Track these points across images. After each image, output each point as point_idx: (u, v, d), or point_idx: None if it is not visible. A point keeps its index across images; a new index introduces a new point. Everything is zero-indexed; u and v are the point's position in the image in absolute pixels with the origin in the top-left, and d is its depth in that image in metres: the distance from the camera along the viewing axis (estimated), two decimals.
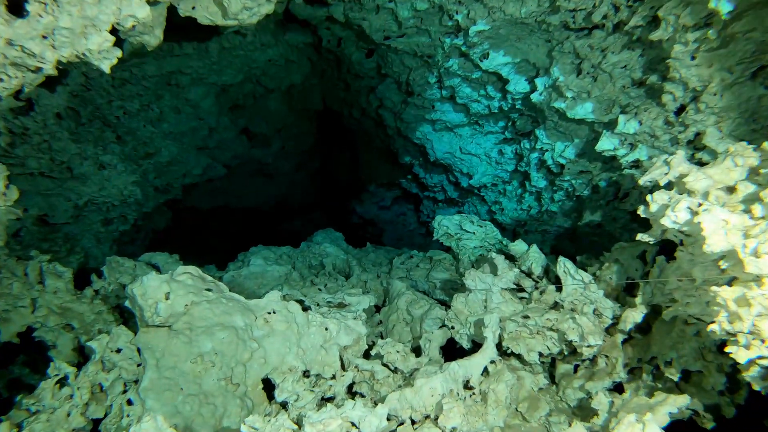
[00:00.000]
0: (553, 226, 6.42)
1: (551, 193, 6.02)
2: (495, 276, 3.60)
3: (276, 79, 7.54)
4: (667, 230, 2.44)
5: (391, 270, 5.47)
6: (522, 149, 6.04)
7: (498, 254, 3.75)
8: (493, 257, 3.73)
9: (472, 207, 8.21)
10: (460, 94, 5.98)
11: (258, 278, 4.89)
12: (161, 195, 7.42)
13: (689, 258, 2.34)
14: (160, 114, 6.36)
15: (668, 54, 3.13)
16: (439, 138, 7.09)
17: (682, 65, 3.03)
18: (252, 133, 9.04)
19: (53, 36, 2.07)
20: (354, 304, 3.98)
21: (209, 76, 6.36)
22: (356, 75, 7.65)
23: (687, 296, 2.40)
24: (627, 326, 2.89)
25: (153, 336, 3.21)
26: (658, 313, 2.94)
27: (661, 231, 2.49)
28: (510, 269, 3.63)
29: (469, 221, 5.03)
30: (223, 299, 3.35)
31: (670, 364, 2.78)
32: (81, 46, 2.22)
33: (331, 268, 5.49)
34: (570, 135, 5.01)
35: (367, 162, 10.92)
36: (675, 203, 2.09)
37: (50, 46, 2.09)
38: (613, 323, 3.17)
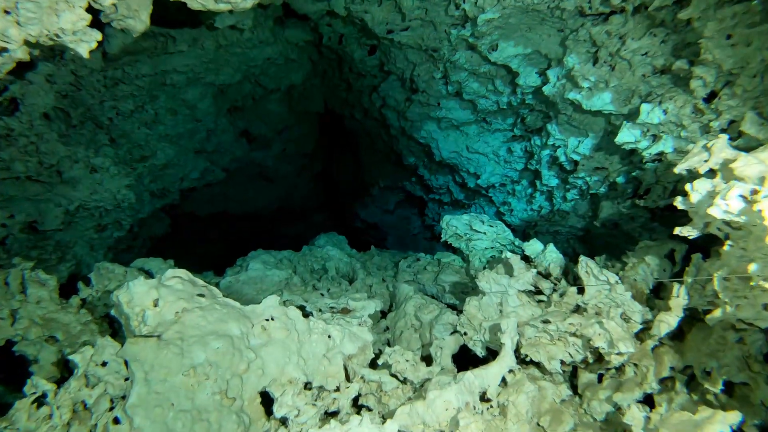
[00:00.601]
0: (566, 226, 6.15)
1: (564, 191, 5.76)
2: (511, 277, 3.34)
3: (275, 79, 7.31)
4: (711, 223, 2.18)
5: (397, 273, 5.21)
6: (532, 146, 5.78)
7: (513, 254, 3.49)
8: (508, 257, 3.47)
9: (479, 209, 7.95)
10: (467, 89, 5.73)
11: (257, 283, 4.64)
12: (158, 200, 7.18)
13: (740, 254, 2.07)
14: (156, 115, 6.13)
15: (700, 34, 2.88)
16: (445, 137, 6.84)
17: (716, 45, 2.77)
18: (252, 136, 8.81)
19: (17, 10, 1.83)
20: (359, 310, 3.72)
21: (206, 76, 6.13)
22: (358, 73, 7.41)
23: (737, 298, 2.14)
24: (661, 332, 2.62)
25: (141, 347, 2.95)
26: (694, 317, 2.67)
27: (704, 224, 2.23)
28: (527, 270, 3.37)
29: (479, 221, 4.77)
30: (217, 305, 3.09)
31: (709, 374, 2.50)
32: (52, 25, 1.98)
33: (334, 272, 5.24)
34: (584, 129, 4.75)
35: (369, 164, 10.68)
36: (725, 191, 1.83)
37: (14, 22, 1.85)
38: (643, 328, 2.90)
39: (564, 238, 6.66)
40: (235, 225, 13.02)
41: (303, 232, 14.39)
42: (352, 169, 12.26)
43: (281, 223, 13.71)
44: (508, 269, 3.57)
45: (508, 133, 6.28)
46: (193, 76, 5.98)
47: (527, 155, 6.20)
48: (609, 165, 4.76)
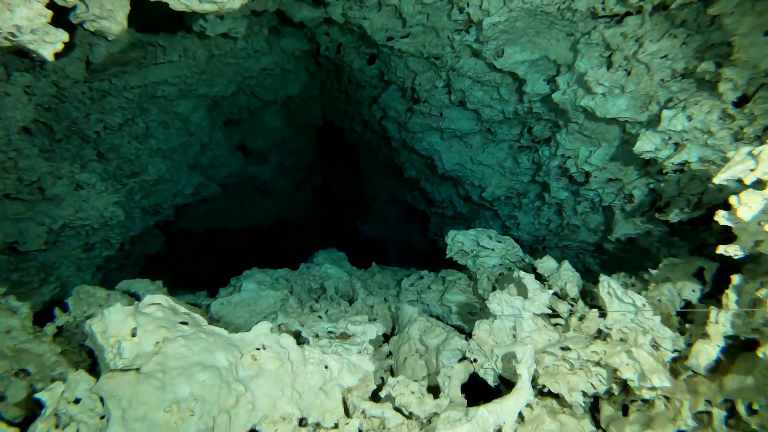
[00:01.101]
0: (576, 241, 5.87)
1: (574, 204, 5.48)
2: (525, 299, 3.04)
3: (272, 91, 7.09)
4: (764, 241, 1.90)
5: (399, 293, 4.92)
6: (540, 157, 5.51)
7: (526, 273, 3.20)
8: (521, 277, 3.18)
9: (484, 223, 7.67)
10: (470, 98, 5.48)
11: (250, 305, 4.35)
12: (150, 217, 6.91)
13: None
14: (146, 129, 5.88)
15: (731, 32, 2.62)
16: (448, 148, 6.58)
17: (752, 43, 2.52)
18: (248, 149, 8.57)
19: None
20: (359, 335, 3.42)
21: (198, 87, 5.89)
22: (357, 84, 7.18)
23: None
24: (700, 363, 2.33)
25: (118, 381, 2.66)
26: (736, 345, 2.38)
27: (755, 242, 1.95)
28: (542, 291, 3.08)
29: (487, 236, 4.49)
30: (202, 334, 2.80)
31: (756, 412, 2.20)
32: (5, 21, 1.73)
33: (333, 292, 4.95)
34: (597, 138, 4.49)
35: (370, 178, 10.43)
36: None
37: None
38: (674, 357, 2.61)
39: (573, 253, 6.37)
40: (232, 241, 12.75)
41: (302, 247, 14.09)
42: (352, 182, 12.01)
43: (280, 239, 13.43)
44: (521, 290, 3.28)
45: (514, 143, 6.02)
46: (185, 88, 5.74)
47: (535, 167, 5.93)
48: (623, 176, 4.49)
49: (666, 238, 4.39)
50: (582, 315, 3.12)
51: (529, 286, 3.11)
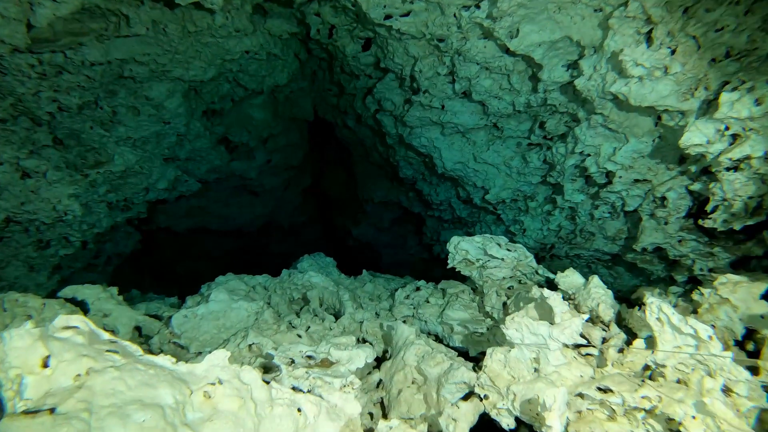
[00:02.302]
0: (590, 250, 5.27)
1: (591, 209, 4.88)
2: (552, 325, 2.43)
3: (256, 78, 6.45)
4: None
5: (393, 306, 4.29)
6: (553, 156, 4.91)
7: (552, 292, 2.58)
8: (546, 297, 2.56)
9: (486, 227, 7.07)
10: (477, 88, 4.87)
11: (219, 319, 3.71)
12: (119, 212, 6.25)
13: None
14: (113, 114, 5.23)
15: None
16: (449, 145, 5.97)
17: None
18: (232, 144, 7.92)
19: None
20: (343, 362, 2.79)
21: (173, 69, 5.25)
22: (351, 74, 6.57)
23: None
24: None
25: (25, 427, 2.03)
26: None
27: None
28: (573, 315, 2.47)
29: (496, 244, 3.88)
30: (140, 365, 2.16)
31: None
32: None
33: (317, 304, 4.31)
34: (623, 133, 3.90)
35: (363, 178, 9.81)
36: None
37: None
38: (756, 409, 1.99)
39: (584, 262, 5.78)
40: (218, 242, 12.08)
41: (292, 249, 13.44)
42: (344, 183, 11.39)
43: (268, 241, 12.77)
44: (544, 312, 2.67)
45: (523, 140, 5.42)
46: (156, 69, 5.10)
47: (546, 167, 5.33)
48: (654, 176, 3.89)
49: (701, 248, 3.80)
50: (621, 345, 2.51)
51: (556, 308, 2.49)
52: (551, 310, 2.58)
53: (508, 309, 3.35)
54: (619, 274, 5.52)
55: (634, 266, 5.14)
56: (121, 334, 3.59)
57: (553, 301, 2.51)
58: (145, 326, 3.74)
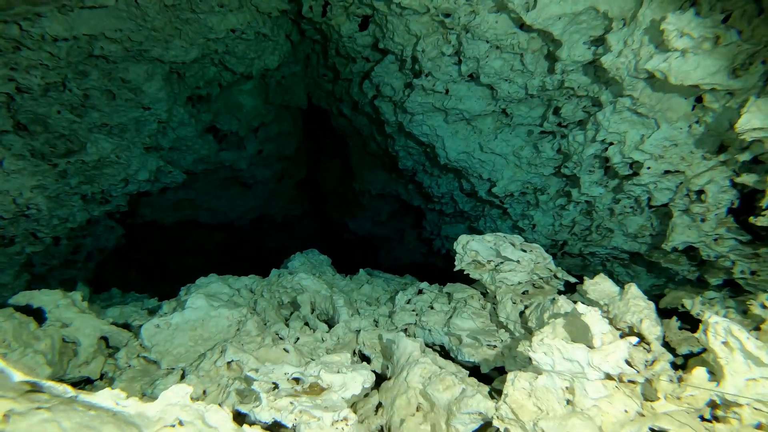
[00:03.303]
0: (606, 247, 4.83)
1: (611, 203, 4.44)
2: (591, 349, 1.98)
3: (245, 61, 5.96)
4: None
5: (393, 312, 3.85)
6: (569, 145, 4.46)
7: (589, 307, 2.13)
8: (581, 313, 2.11)
9: (490, 222, 6.62)
10: (486, 69, 4.41)
11: (196, 329, 3.25)
12: (96, 206, 5.77)
13: None
14: (85, 98, 4.75)
15: None
16: (453, 134, 5.51)
17: None
18: (220, 133, 7.44)
19: None
20: (336, 388, 2.34)
21: (150, 48, 4.76)
22: (347, 56, 6.08)
23: None
24: None
25: None
26: None
27: None
28: (614, 335, 2.02)
29: (509, 243, 3.43)
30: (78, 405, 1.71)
31: None
32: None
33: (309, 310, 3.87)
34: (655, 117, 3.44)
35: (360, 169, 9.33)
36: None
37: None
38: None
39: (599, 261, 5.34)
40: (208, 236, 11.63)
41: (286, 243, 12.98)
42: (339, 174, 10.92)
43: (261, 234, 12.30)
44: (576, 329, 2.22)
45: (534, 128, 4.96)
46: (132, 48, 4.61)
47: (560, 157, 4.88)
48: (687, 167, 3.44)
49: (743, 248, 3.36)
50: (672, 375, 2.06)
51: (594, 328, 2.04)
52: (586, 329, 2.13)
53: (527, 321, 2.90)
54: (636, 273, 5.09)
55: (655, 265, 4.71)
56: (84, 346, 3.14)
57: (590, 318, 2.06)
58: (112, 337, 3.28)
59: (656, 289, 5.04)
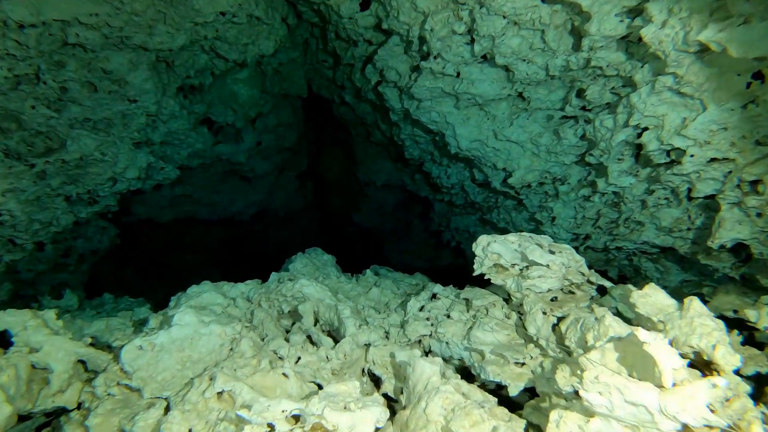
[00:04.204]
0: (636, 242, 4.42)
1: (643, 194, 4.02)
2: (663, 390, 1.58)
3: (238, 47, 5.53)
4: None
5: (405, 322, 3.45)
6: (595, 130, 4.03)
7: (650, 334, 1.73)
8: (643, 341, 1.70)
9: (504, 213, 6.21)
10: (502, 48, 3.97)
11: (183, 350, 2.87)
12: (83, 207, 5.39)
13: None
14: (62, 91, 4.35)
15: None
16: (464, 120, 5.08)
17: None
18: (215, 125, 7.02)
19: None
20: (343, 430, 1.96)
21: (132, 35, 4.35)
22: (348, 39, 5.64)
23: None
24: None
25: None
26: None
27: None
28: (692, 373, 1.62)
29: (536, 245, 3.02)
30: None
31: None
32: None
33: (311, 322, 3.48)
34: (702, 98, 3.01)
35: (364, 159, 8.91)
36: None
37: None
38: None
39: (625, 255, 4.94)
40: (208, 232, 11.25)
41: (289, 237, 12.60)
42: (343, 165, 10.50)
43: (263, 229, 11.91)
44: (632, 357, 1.82)
45: (555, 112, 4.53)
46: (111, 34, 4.19)
47: (584, 144, 4.45)
48: (739, 154, 3.02)
49: None
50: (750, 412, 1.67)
51: (663, 361, 1.64)
52: (647, 359, 1.73)
53: (563, 338, 2.50)
54: (666, 269, 4.68)
55: (687, 260, 4.31)
56: (57, 372, 2.76)
57: (657, 349, 1.66)
58: (90, 360, 2.91)
59: (687, 286, 4.64)
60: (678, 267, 4.59)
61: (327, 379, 2.77)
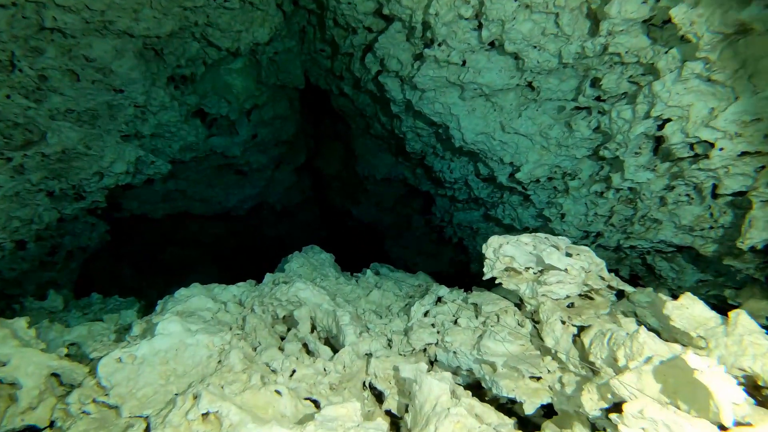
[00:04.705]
0: (651, 240, 4.17)
1: (662, 190, 3.76)
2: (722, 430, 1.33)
3: (230, 34, 5.24)
4: None
5: (409, 330, 3.20)
6: (612, 122, 3.76)
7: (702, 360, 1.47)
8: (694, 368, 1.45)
9: (509, 209, 5.95)
10: (512, 34, 3.70)
11: (167, 362, 2.61)
12: (68, 203, 5.13)
13: None
14: (41, 79, 4.07)
15: None
16: (470, 112, 4.81)
17: None
18: (209, 116, 6.74)
19: None
20: None
21: (116, 19, 4.07)
22: (346, 27, 5.36)
23: None
24: None
25: None
26: None
27: None
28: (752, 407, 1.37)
29: (552, 247, 2.76)
30: None
31: None
32: None
33: (308, 329, 3.22)
34: (734, 85, 2.74)
35: (363, 153, 8.63)
36: None
37: None
38: None
39: (637, 254, 4.68)
40: (204, 227, 10.99)
41: (287, 231, 12.34)
42: (342, 159, 10.22)
43: (260, 224, 11.65)
44: (677, 382, 1.57)
45: (567, 103, 4.26)
46: (92, 19, 3.91)
47: (598, 136, 4.19)
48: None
49: None
50: None
51: (720, 393, 1.38)
52: (696, 387, 1.47)
53: (587, 352, 2.25)
54: (681, 268, 4.43)
55: (704, 259, 4.06)
56: (27, 388, 2.51)
57: (712, 379, 1.40)
58: (64, 374, 2.65)
59: (704, 286, 4.40)
60: (694, 266, 4.34)
61: (325, 394, 2.51)
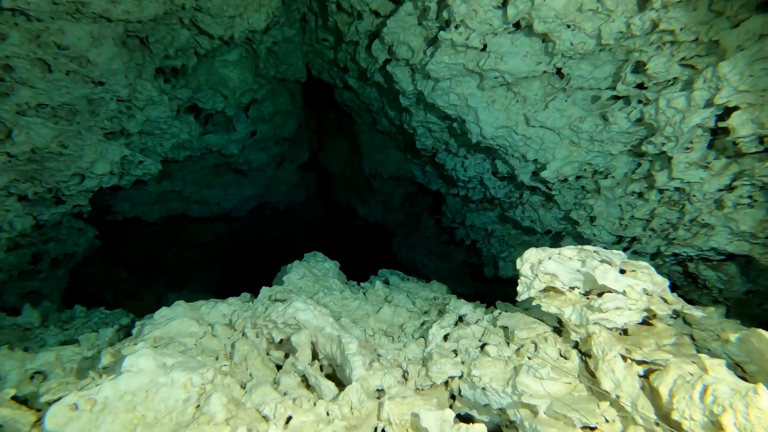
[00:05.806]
0: (700, 248, 3.65)
1: (721, 191, 3.24)
2: None
3: (223, 20, 4.75)
4: None
5: (427, 359, 2.71)
6: (659, 112, 3.24)
7: None
8: None
9: (530, 211, 5.44)
10: (542, 11, 3.19)
11: (134, 408, 2.13)
12: (46, 208, 4.66)
13: None
14: (6, 69, 3.60)
15: None
16: (489, 103, 4.30)
17: None
18: (203, 112, 6.26)
19: None
20: None
21: (89, 2, 3.58)
22: (350, 12, 4.86)
23: None
24: None
25: None
26: None
27: None
28: None
29: (603, 262, 2.26)
30: None
31: None
32: None
33: (308, 359, 2.73)
34: None
35: (370, 149, 8.13)
36: None
37: None
38: None
39: (675, 261, 4.17)
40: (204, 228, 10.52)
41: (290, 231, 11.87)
42: (347, 155, 9.72)
43: (262, 223, 11.17)
44: None
45: (602, 92, 3.74)
46: (61, 0, 3.43)
47: (640, 129, 3.67)
48: None
49: None
50: None
51: None
52: None
53: (667, 408, 1.74)
54: (729, 278, 3.93)
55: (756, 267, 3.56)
56: None
57: None
58: (6, 424, 2.18)
59: (755, 298, 3.89)
60: (743, 276, 3.83)
61: None
